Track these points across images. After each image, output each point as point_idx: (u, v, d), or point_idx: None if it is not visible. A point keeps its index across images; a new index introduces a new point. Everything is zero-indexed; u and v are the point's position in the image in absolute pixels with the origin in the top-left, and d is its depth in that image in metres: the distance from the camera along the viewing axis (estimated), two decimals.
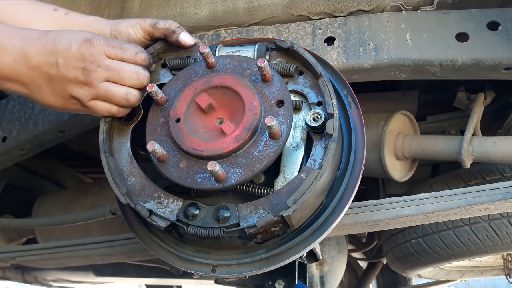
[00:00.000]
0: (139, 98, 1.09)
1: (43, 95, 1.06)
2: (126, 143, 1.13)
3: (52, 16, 1.22)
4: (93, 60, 1.02)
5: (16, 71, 1.02)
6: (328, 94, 1.05)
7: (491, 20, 1.33)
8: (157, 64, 1.22)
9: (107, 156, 1.08)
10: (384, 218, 1.35)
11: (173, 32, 1.17)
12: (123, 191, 1.04)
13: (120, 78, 1.05)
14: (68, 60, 1.01)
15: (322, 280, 2.34)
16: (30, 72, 1.02)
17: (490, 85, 1.84)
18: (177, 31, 1.17)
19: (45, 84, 1.04)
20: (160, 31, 1.17)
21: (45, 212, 2.37)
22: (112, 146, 1.13)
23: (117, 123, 1.15)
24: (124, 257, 1.90)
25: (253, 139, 1.01)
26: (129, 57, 1.07)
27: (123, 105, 1.08)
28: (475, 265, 3.00)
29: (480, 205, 1.32)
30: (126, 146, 1.12)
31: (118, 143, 1.13)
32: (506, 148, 1.68)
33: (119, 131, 1.15)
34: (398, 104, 2.05)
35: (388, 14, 1.39)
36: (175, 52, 1.22)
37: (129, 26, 1.18)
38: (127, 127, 1.15)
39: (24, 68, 1.02)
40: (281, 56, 1.17)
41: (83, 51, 1.01)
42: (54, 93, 1.05)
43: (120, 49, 1.06)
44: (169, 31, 1.17)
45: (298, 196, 0.95)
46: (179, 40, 1.17)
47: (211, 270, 1.05)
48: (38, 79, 1.03)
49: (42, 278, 2.97)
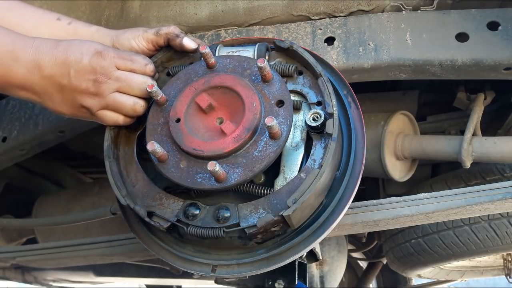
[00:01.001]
0: (145, 108, 1.12)
1: (54, 103, 1.09)
2: (132, 149, 1.14)
3: (55, 26, 1.23)
4: (103, 72, 1.05)
5: (30, 80, 1.05)
6: (328, 94, 1.05)
7: (491, 20, 1.32)
8: (162, 74, 1.23)
9: (111, 161, 1.10)
10: (384, 218, 1.35)
11: (176, 36, 1.19)
12: (123, 193, 1.05)
13: (130, 88, 1.08)
14: (80, 72, 1.04)
15: (322, 280, 2.34)
16: (43, 81, 1.05)
17: (490, 85, 1.84)
18: (180, 35, 1.19)
19: (57, 93, 1.07)
20: (164, 37, 1.19)
21: (45, 212, 2.37)
22: (118, 152, 1.15)
23: (124, 131, 1.17)
24: (124, 257, 1.90)
25: (253, 139, 1.01)
26: (139, 68, 1.10)
27: (131, 115, 1.11)
28: (475, 265, 3.00)
29: (480, 205, 1.32)
30: (132, 152, 1.14)
31: (124, 150, 1.15)
32: (506, 148, 1.68)
33: (126, 138, 1.17)
34: (398, 104, 2.05)
35: (388, 14, 1.39)
36: (179, 59, 1.23)
37: (131, 38, 1.19)
38: (133, 134, 1.16)
39: (37, 78, 1.04)
40: (281, 56, 1.17)
41: (94, 64, 1.04)
42: (65, 102, 1.08)
43: (130, 61, 1.09)
44: (173, 35, 1.18)
45: (298, 196, 0.95)
46: (183, 44, 1.19)
47: (211, 270, 1.05)
48: (50, 89, 1.06)
49: (42, 278, 2.97)
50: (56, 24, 1.24)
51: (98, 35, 1.22)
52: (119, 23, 1.59)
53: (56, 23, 1.24)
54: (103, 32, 1.23)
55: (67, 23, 1.24)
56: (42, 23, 1.23)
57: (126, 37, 1.20)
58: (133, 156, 1.13)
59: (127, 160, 1.13)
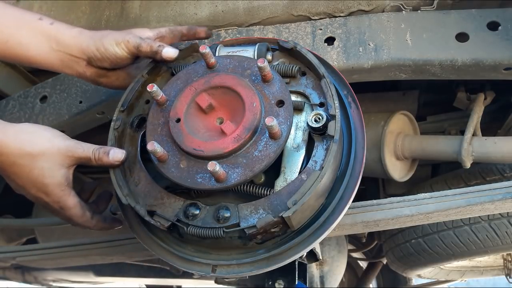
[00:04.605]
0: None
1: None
2: (135, 149, 1.14)
3: (37, 26, 1.21)
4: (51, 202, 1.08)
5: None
6: (330, 96, 1.05)
7: (491, 20, 1.32)
8: (166, 73, 1.24)
9: None
10: (384, 218, 1.35)
11: (156, 52, 1.18)
12: (125, 192, 1.06)
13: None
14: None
15: (322, 280, 2.34)
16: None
17: (490, 85, 1.84)
18: (158, 49, 1.18)
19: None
20: (144, 54, 1.19)
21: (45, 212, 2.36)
22: None
23: (129, 130, 1.17)
24: (124, 257, 1.90)
25: (253, 139, 1.01)
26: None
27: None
28: (475, 265, 3.00)
29: (480, 205, 1.32)
30: (136, 152, 1.14)
31: (128, 149, 1.15)
32: (506, 148, 1.68)
33: (130, 137, 1.17)
34: (398, 104, 2.05)
35: (388, 14, 1.39)
36: (183, 59, 1.24)
37: (115, 43, 1.17)
38: (137, 134, 1.17)
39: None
40: (284, 57, 1.17)
41: (39, 199, 1.07)
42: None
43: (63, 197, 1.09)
44: (152, 52, 1.18)
45: (298, 197, 0.95)
46: (163, 58, 1.18)
47: (211, 270, 1.05)
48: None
49: (42, 278, 2.97)
50: (38, 24, 1.21)
51: (82, 37, 1.20)
52: (119, 23, 1.59)
53: (37, 23, 1.21)
54: (86, 34, 1.21)
55: (49, 23, 1.22)
56: (23, 24, 1.21)
57: (109, 42, 1.17)
58: (137, 155, 1.13)
59: (130, 160, 1.13)
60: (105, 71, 1.23)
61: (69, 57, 1.21)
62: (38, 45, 1.20)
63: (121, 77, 1.26)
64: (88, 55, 1.19)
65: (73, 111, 1.57)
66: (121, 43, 1.17)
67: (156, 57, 1.19)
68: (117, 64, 1.20)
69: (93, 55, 1.18)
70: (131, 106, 1.20)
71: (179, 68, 1.21)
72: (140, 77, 1.21)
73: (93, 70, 1.22)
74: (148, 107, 1.18)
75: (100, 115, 1.57)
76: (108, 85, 1.27)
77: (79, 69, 1.22)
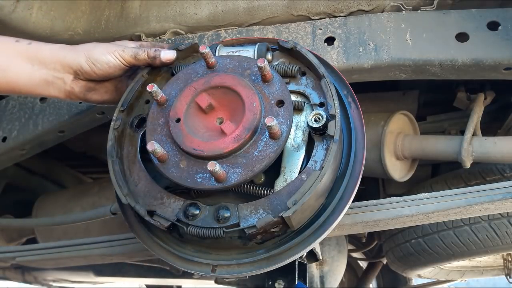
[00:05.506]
0: None
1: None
2: (135, 148, 1.14)
3: (14, 48, 1.17)
4: None
5: None
6: (331, 96, 1.05)
7: (491, 20, 1.32)
8: (166, 73, 1.24)
9: (113, 160, 1.10)
10: (384, 218, 1.35)
11: (154, 58, 1.18)
12: (124, 192, 1.06)
13: None
14: None
15: (322, 280, 2.34)
16: None
17: (490, 85, 1.84)
18: (156, 55, 1.17)
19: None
20: (142, 62, 1.18)
21: (45, 212, 2.37)
22: (122, 152, 1.15)
23: (128, 130, 1.17)
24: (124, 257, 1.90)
25: (253, 139, 1.01)
26: None
27: None
28: (475, 265, 3.00)
29: (480, 205, 1.32)
30: (136, 152, 1.14)
31: (128, 149, 1.15)
32: (506, 148, 1.68)
33: (130, 137, 1.17)
34: (398, 104, 2.05)
35: (388, 14, 1.39)
36: (183, 59, 1.24)
37: (106, 52, 1.16)
38: (137, 134, 1.17)
39: None
40: (284, 57, 1.17)
41: None
42: None
43: None
44: (151, 58, 1.18)
45: (298, 197, 0.95)
46: (162, 62, 1.18)
47: (211, 270, 1.05)
48: None
49: (42, 278, 2.97)
50: (15, 46, 1.17)
51: (64, 52, 1.17)
52: (119, 23, 1.59)
53: (15, 46, 1.17)
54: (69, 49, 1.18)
55: (26, 44, 1.18)
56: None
57: (100, 52, 1.16)
58: (137, 155, 1.13)
59: (130, 159, 1.13)
60: (93, 83, 1.20)
61: (54, 73, 1.17)
62: (17, 68, 1.16)
63: (109, 90, 1.23)
64: (74, 67, 1.16)
65: (73, 111, 1.57)
66: (114, 52, 1.16)
67: (155, 62, 1.18)
68: (107, 74, 1.18)
69: (80, 67, 1.15)
70: (131, 106, 1.20)
71: (179, 68, 1.21)
72: (140, 77, 1.20)
73: (81, 84, 1.19)
74: (148, 107, 1.18)
75: (100, 115, 1.57)
76: (98, 100, 1.24)
77: (66, 86, 1.19)
